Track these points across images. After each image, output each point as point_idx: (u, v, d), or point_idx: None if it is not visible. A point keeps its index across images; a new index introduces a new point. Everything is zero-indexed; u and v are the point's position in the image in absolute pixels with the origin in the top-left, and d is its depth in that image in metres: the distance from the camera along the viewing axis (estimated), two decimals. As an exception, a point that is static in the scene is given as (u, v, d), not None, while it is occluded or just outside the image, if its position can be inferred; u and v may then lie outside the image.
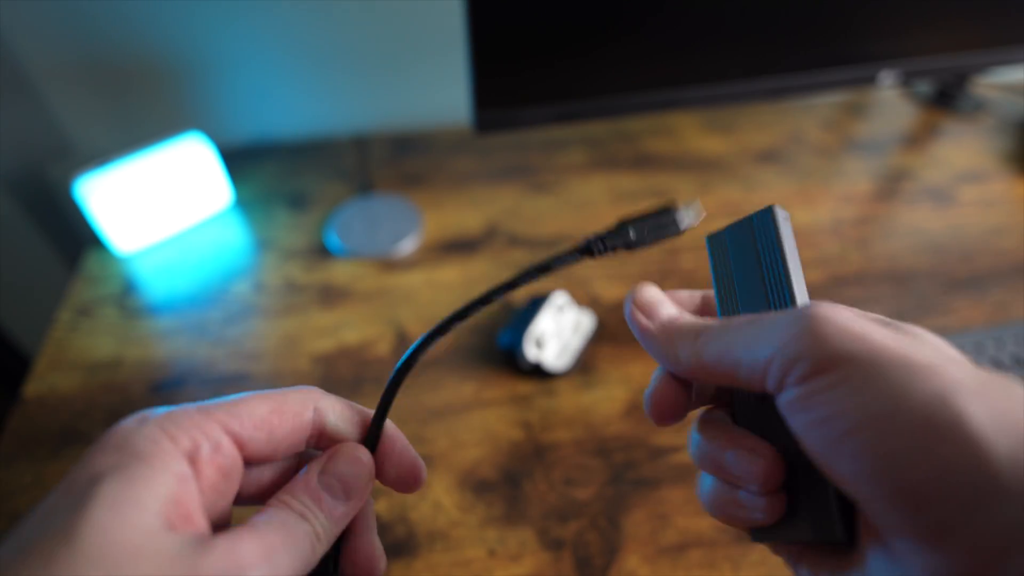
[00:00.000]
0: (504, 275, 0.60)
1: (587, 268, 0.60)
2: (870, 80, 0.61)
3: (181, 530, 0.16)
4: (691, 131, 0.79)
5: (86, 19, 0.63)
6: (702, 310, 0.23)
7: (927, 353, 0.16)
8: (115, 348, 0.53)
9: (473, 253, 0.62)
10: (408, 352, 0.21)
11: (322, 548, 0.18)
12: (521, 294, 0.57)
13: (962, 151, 0.76)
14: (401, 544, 0.41)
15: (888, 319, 0.18)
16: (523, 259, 0.62)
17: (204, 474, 0.17)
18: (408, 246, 0.62)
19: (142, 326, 0.55)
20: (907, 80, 0.63)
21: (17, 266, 0.69)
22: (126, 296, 0.58)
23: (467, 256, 0.62)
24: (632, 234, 0.22)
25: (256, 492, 0.20)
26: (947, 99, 0.83)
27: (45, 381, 0.50)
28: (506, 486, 0.44)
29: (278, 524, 0.17)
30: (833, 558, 0.18)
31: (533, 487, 0.44)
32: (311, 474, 0.19)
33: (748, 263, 0.21)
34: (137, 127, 0.72)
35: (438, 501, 0.43)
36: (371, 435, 0.21)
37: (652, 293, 0.22)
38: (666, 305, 0.22)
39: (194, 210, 0.64)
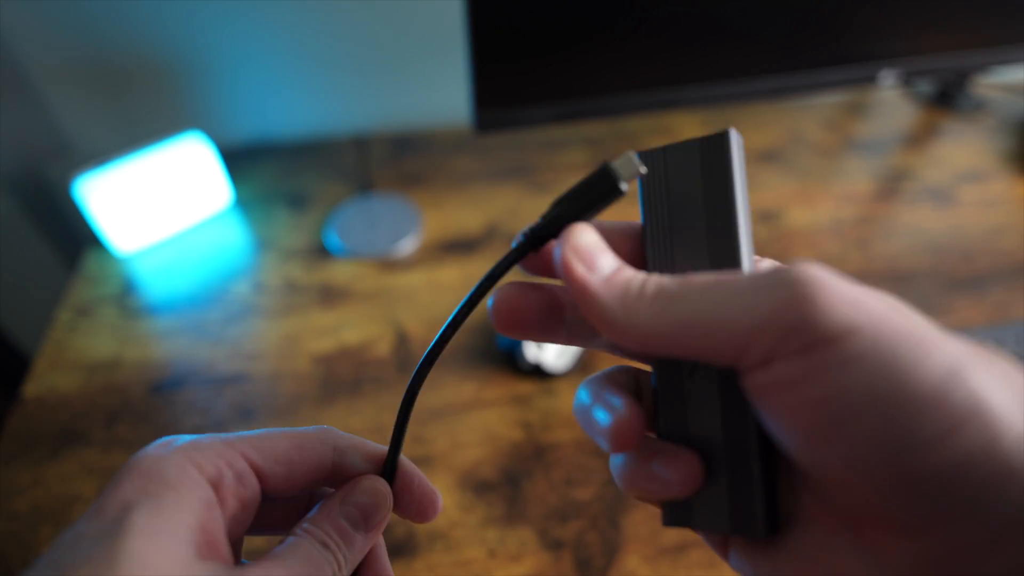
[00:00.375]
0: (504, 275, 0.59)
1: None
2: (870, 80, 0.61)
3: (210, 558, 0.16)
4: (690, 131, 0.79)
5: (86, 18, 0.63)
6: (633, 248, 0.19)
7: (926, 325, 0.14)
8: (115, 348, 0.53)
9: (473, 253, 0.62)
10: (407, 391, 0.21)
11: (346, 573, 0.19)
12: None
13: (963, 151, 0.76)
14: (401, 544, 0.41)
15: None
16: (523, 259, 0.61)
17: (227, 503, 0.18)
18: (408, 246, 0.62)
19: (142, 326, 0.55)
20: (908, 80, 0.63)
21: (16, 266, 0.69)
22: (126, 296, 0.58)
23: (467, 256, 0.62)
24: (569, 208, 0.18)
25: (267, 524, 0.21)
26: (947, 99, 0.83)
27: (44, 381, 0.50)
28: (506, 486, 0.44)
29: (304, 555, 0.18)
30: (769, 547, 0.17)
31: (533, 487, 0.44)
32: (333, 505, 0.20)
33: (689, 196, 0.18)
34: (137, 127, 0.72)
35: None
36: (388, 467, 0.21)
37: (590, 238, 0.18)
38: (605, 254, 0.17)
39: (194, 210, 0.64)
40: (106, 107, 0.70)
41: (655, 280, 0.17)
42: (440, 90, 0.76)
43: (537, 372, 0.50)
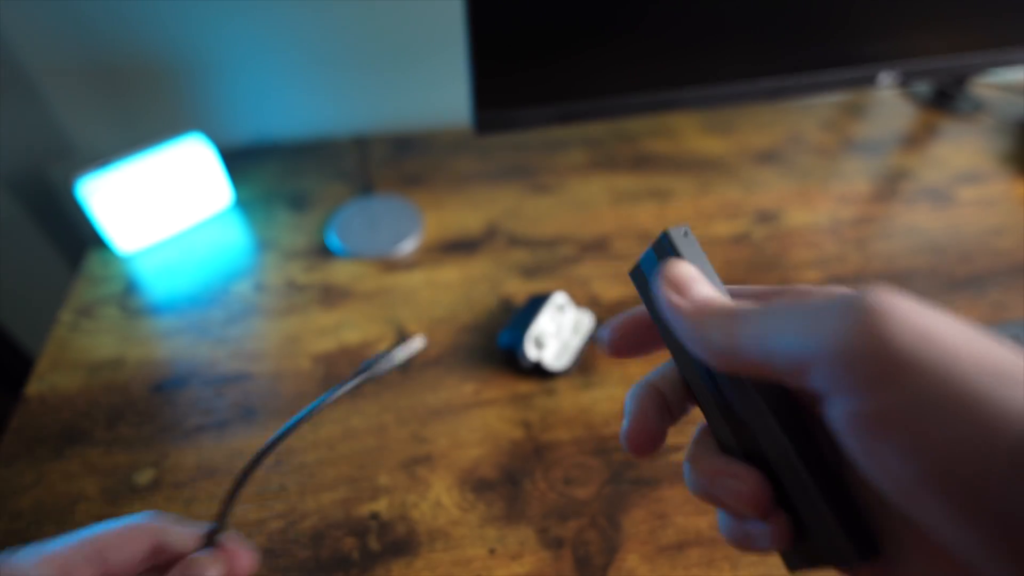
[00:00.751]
0: (504, 275, 0.60)
1: (587, 268, 0.61)
2: (869, 81, 0.62)
3: None
4: (690, 132, 0.79)
5: (87, 19, 0.63)
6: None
7: (1010, 355, 0.13)
8: (117, 348, 0.53)
9: (473, 253, 0.62)
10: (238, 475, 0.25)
11: None
12: (521, 294, 0.58)
13: (961, 151, 0.76)
14: (402, 543, 0.41)
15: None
16: (523, 259, 0.62)
17: None
18: (408, 246, 0.63)
19: (143, 326, 0.55)
20: (906, 80, 0.63)
21: (19, 266, 0.69)
22: (127, 296, 0.58)
23: (467, 256, 0.62)
24: (372, 367, 0.26)
25: None
26: (946, 99, 0.83)
27: (47, 381, 0.51)
28: (506, 485, 0.44)
29: None
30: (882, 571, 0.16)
31: (533, 486, 0.44)
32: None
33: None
34: (138, 128, 0.72)
35: (438, 500, 0.43)
36: (212, 533, 0.25)
37: (686, 269, 0.19)
38: (701, 284, 0.19)
39: (195, 210, 0.64)
40: (107, 108, 0.70)
41: (739, 305, 0.17)
42: (440, 91, 0.77)
43: (537, 371, 0.51)
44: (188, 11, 0.64)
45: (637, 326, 0.21)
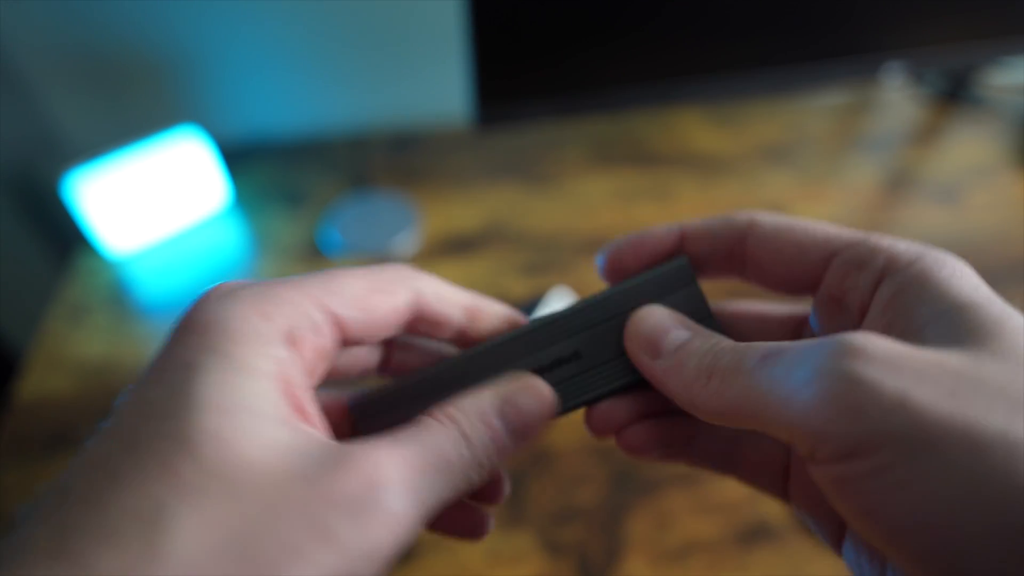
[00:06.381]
0: (503, 274, 0.59)
1: (587, 267, 0.60)
2: (876, 73, 0.61)
3: (297, 428, 0.14)
4: (694, 128, 0.78)
5: (78, 10, 0.62)
6: (742, 250, 0.19)
7: (1002, 408, 0.12)
8: (107, 350, 0.52)
9: (472, 251, 0.61)
10: None
11: (476, 485, 0.16)
12: (521, 293, 0.57)
13: (969, 149, 0.75)
14: (399, 548, 0.40)
15: (959, 292, 0.14)
16: (522, 257, 0.61)
17: (306, 360, 0.15)
18: (407, 244, 0.62)
19: (135, 327, 0.54)
20: (915, 72, 0.62)
21: (7, 266, 0.68)
22: (119, 296, 0.57)
23: (466, 254, 0.61)
24: None
25: (339, 372, 0.19)
26: (954, 97, 0.82)
27: (36, 383, 0.50)
28: (506, 489, 0.44)
29: (431, 444, 0.15)
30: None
31: (534, 490, 0.43)
32: (486, 397, 0.17)
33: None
34: (130, 123, 0.71)
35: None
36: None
37: (650, 321, 0.18)
38: (671, 331, 0.18)
39: (189, 207, 0.63)
40: (98, 102, 0.69)
41: (711, 356, 0.16)
42: (439, 86, 0.76)
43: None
44: (184, 4, 0.63)
45: (640, 249, 0.20)
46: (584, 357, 0.20)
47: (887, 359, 0.13)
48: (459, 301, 0.19)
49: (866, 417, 0.12)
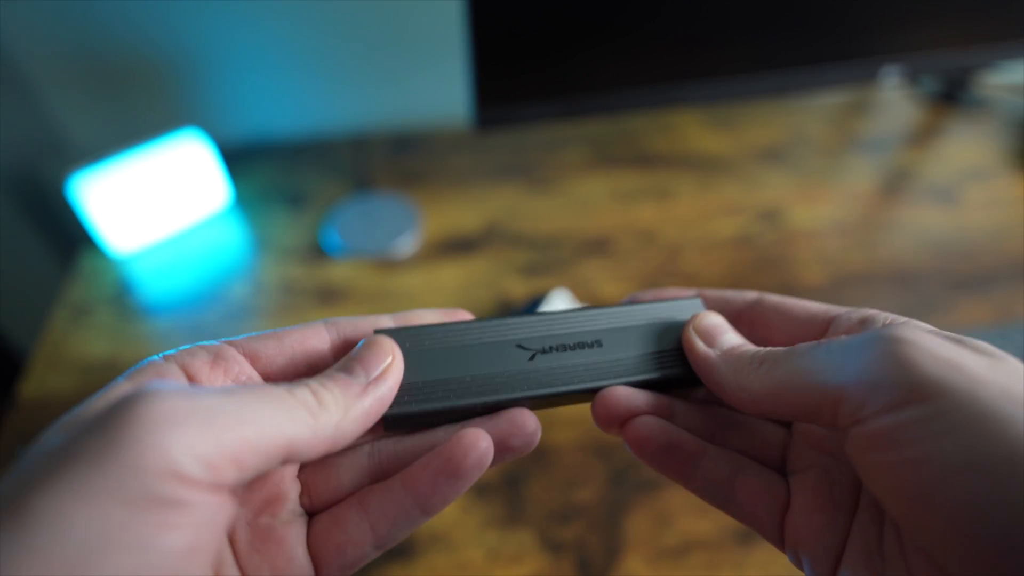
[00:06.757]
0: (503, 274, 0.59)
1: (587, 267, 0.60)
2: (873, 76, 0.61)
3: None
4: (693, 129, 0.78)
5: (81, 12, 0.62)
6: (750, 314, 0.22)
7: None
8: (111, 349, 0.53)
9: (472, 252, 0.62)
10: None
11: (330, 416, 0.16)
12: (521, 293, 0.57)
13: (967, 150, 0.75)
14: (401, 546, 0.40)
15: (960, 337, 0.16)
16: (522, 258, 0.61)
17: (205, 379, 0.16)
18: (407, 245, 0.62)
19: (138, 327, 0.54)
20: (912, 75, 0.62)
21: (11, 266, 0.69)
22: (122, 296, 0.57)
23: (466, 255, 0.61)
24: None
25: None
26: (952, 98, 0.83)
27: (40, 382, 0.50)
28: (506, 487, 0.44)
29: (268, 395, 0.15)
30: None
31: (534, 488, 0.44)
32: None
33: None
34: (133, 125, 0.72)
35: (437, 503, 0.43)
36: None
37: (713, 320, 0.21)
38: (727, 333, 0.20)
39: (191, 209, 0.63)
40: (102, 104, 0.70)
41: (766, 349, 0.18)
42: (440, 88, 0.76)
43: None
44: (185, 6, 0.64)
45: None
46: (605, 347, 0.21)
47: (934, 337, 0.15)
48: (384, 317, 0.20)
49: (925, 369, 0.14)
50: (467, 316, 0.22)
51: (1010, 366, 0.14)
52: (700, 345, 0.20)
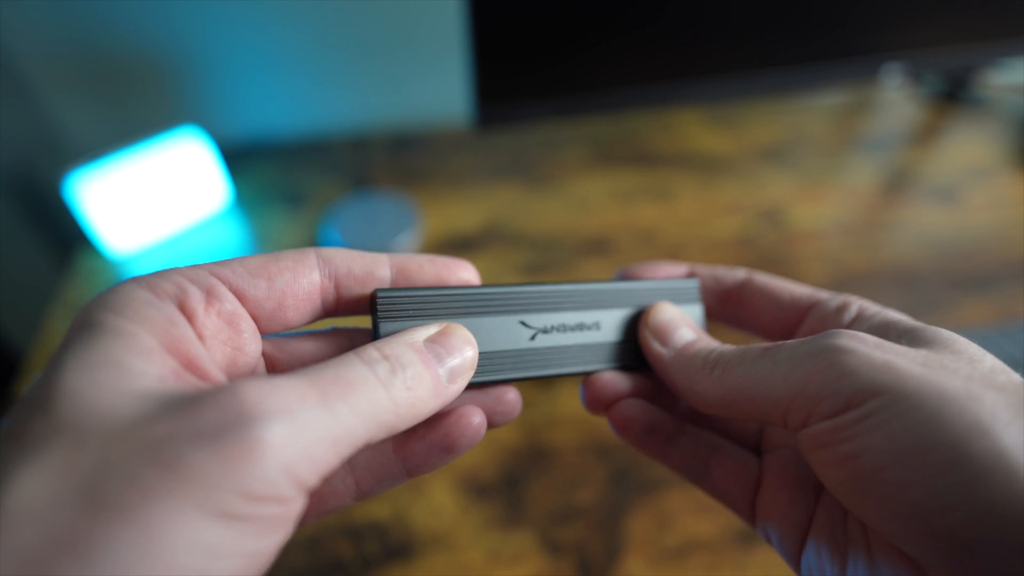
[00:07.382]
0: (503, 274, 0.59)
1: (587, 267, 0.60)
2: (875, 74, 0.61)
3: (175, 378, 0.14)
4: (693, 129, 0.78)
5: (79, 11, 0.62)
6: (739, 294, 0.22)
7: (960, 377, 0.15)
8: (109, 348, 0.52)
9: (472, 252, 0.62)
10: None
11: (403, 417, 0.15)
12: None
13: (968, 149, 0.75)
14: (400, 547, 0.40)
15: (914, 322, 0.17)
16: (522, 258, 0.61)
17: (200, 320, 0.15)
18: (407, 244, 0.62)
19: (137, 325, 0.54)
20: (914, 74, 0.62)
21: (8, 266, 0.68)
22: (121, 295, 0.57)
23: (466, 254, 0.61)
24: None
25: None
26: (953, 97, 0.82)
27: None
28: (506, 488, 0.44)
29: (334, 375, 0.14)
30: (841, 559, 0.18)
31: (534, 489, 0.44)
32: (419, 331, 0.17)
33: None
34: (131, 124, 0.71)
35: (438, 503, 0.43)
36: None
37: (666, 316, 0.21)
38: (682, 328, 0.21)
39: (190, 208, 0.63)
40: (101, 103, 0.69)
41: (717, 351, 0.19)
42: (439, 87, 0.76)
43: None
44: (185, 5, 0.64)
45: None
46: (603, 330, 0.22)
47: (872, 341, 0.16)
48: (382, 259, 0.19)
49: (860, 376, 0.15)
50: (468, 268, 0.21)
51: (946, 358, 0.16)
52: (654, 345, 0.21)
